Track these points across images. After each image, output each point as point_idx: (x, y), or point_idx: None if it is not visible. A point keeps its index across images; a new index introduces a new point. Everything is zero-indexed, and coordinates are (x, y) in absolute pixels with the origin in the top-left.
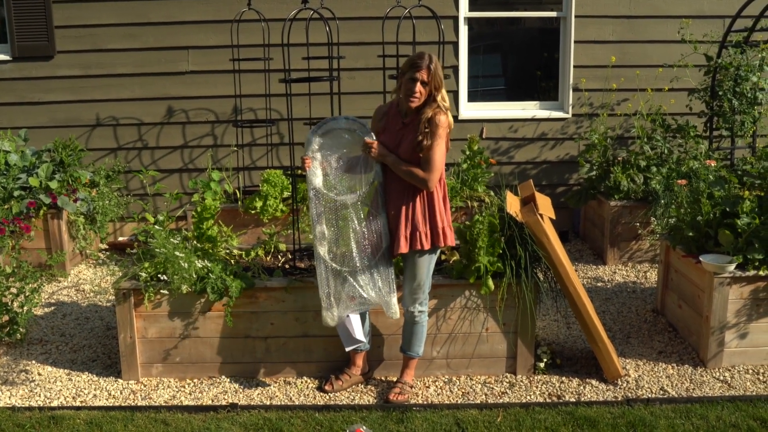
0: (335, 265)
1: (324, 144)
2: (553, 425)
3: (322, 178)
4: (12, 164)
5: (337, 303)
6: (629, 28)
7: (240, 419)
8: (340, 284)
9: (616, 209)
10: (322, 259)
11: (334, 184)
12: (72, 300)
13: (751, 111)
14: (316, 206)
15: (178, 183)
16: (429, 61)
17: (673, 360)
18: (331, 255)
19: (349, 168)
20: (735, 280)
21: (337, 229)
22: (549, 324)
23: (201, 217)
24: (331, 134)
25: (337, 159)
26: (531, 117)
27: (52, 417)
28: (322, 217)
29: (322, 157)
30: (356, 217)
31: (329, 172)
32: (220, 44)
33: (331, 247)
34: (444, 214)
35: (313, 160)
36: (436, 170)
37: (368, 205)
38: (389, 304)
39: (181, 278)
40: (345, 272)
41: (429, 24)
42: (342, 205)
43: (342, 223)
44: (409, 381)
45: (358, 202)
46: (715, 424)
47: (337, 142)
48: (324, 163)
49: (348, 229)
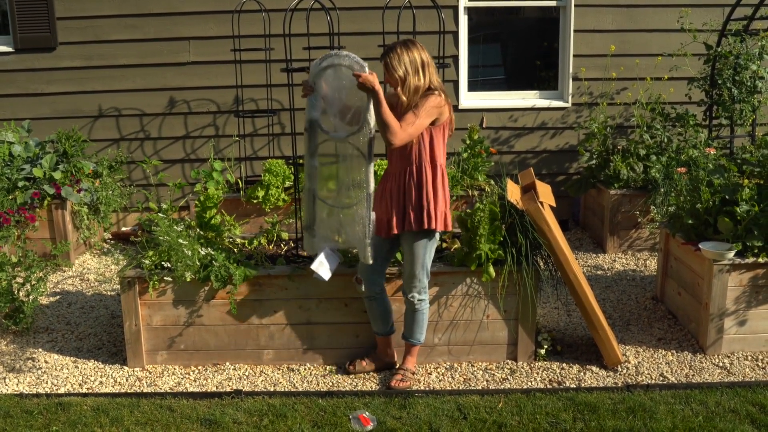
0: (323, 199)
1: (327, 76)
2: (554, 411)
3: (321, 112)
4: (16, 155)
5: (318, 228)
6: (629, 17)
7: (244, 405)
8: (326, 216)
9: (615, 198)
10: (311, 191)
11: (331, 121)
12: (77, 289)
13: (751, 99)
14: (312, 140)
15: (180, 173)
16: (384, 56)
17: (672, 347)
18: (320, 187)
19: (344, 110)
20: (734, 267)
21: (329, 166)
22: (549, 311)
23: (204, 206)
24: (334, 69)
25: (337, 94)
26: (531, 106)
27: (59, 403)
28: (316, 153)
29: (321, 91)
30: (348, 157)
31: (327, 109)
32: (221, 35)
33: (321, 183)
34: (435, 197)
35: (314, 91)
36: (405, 132)
37: (361, 152)
38: (365, 247)
39: (185, 266)
40: (330, 205)
41: (429, 14)
42: (337, 144)
43: (333, 160)
44: (410, 368)
45: (351, 143)
46: (714, 410)
47: (338, 78)
48: (323, 99)
49: (338, 167)
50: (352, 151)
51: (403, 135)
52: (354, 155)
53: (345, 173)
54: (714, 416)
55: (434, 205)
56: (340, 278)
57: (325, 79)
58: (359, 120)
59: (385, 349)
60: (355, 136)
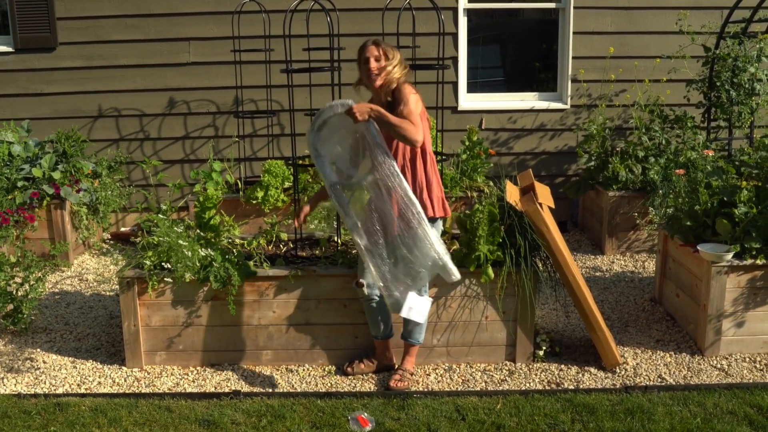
0: (379, 250)
1: (323, 137)
2: (552, 412)
3: (335, 171)
4: (15, 155)
5: (395, 286)
6: (628, 19)
7: (243, 406)
8: (393, 265)
9: (614, 199)
10: (367, 249)
11: (350, 173)
12: (75, 289)
13: (749, 102)
14: (341, 199)
15: (179, 174)
16: (372, 41)
17: (670, 348)
18: (372, 242)
19: (355, 156)
20: (732, 269)
21: (369, 212)
22: (548, 312)
23: (203, 207)
24: (326, 125)
25: (339, 147)
26: (530, 108)
27: (57, 404)
28: (350, 208)
29: (326, 151)
30: (382, 193)
31: (339, 164)
32: (221, 35)
33: (369, 234)
34: (430, 185)
35: (319, 158)
36: (418, 126)
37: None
38: (445, 267)
39: (185, 266)
40: (391, 251)
41: (429, 15)
42: (366, 189)
43: (370, 206)
44: (409, 368)
45: (377, 178)
46: (712, 411)
47: (333, 131)
48: (331, 155)
49: (378, 209)
50: (383, 183)
51: (419, 129)
52: (387, 186)
53: (387, 209)
54: (712, 418)
55: (429, 194)
56: (338, 279)
57: (323, 142)
58: (371, 154)
59: (383, 351)
60: (378, 170)
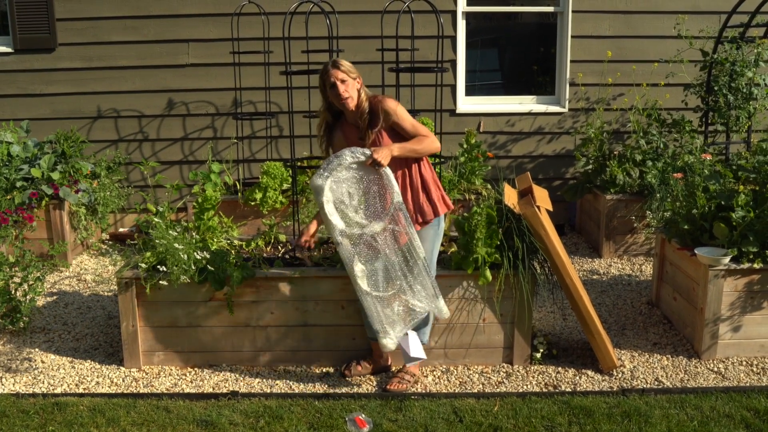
0: (380, 293)
1: (332, 186)
2: (549, 414)
3: (342, 218)
4: (14, 155)
5: (392, 327)
6: (626, 24)
7: (240, 407)
8: (390, 308)
9: (611, 203)
10: (367, 293)
11: (355, 219)
12: (74, 289)
13: (746, 106)
14: (346, 247)
15: (178, 175)
16: (330, 64)
17: (667, 351)
18: (372, 284)
19: (371, 201)
20: (729, 272)
21: (373, 257)
22: (545, 315)
23: (202, 208)
24: (336, 171)
25: (349, 200)
26: (528, 111)
27: (55, 404)
28: (355, 256)
29: (334, 197)
30: (388, 241)
31: (346, 210)
32: (220, 37)
33: (371, 278)
34: (427, 188)
35: (327, 203)
36: (428, 132)
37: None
38: (438, 307)
39: (181, 269)
40: (391, 294)
41: (428, 18)
42: (372, 235)
43: (375, 250)
44: (413, 371)
45: (385, 225)
46: (709, 414)
47: (343, 180)
48: (338, 202)
49: (383, 253)
50: (392, 230)
51: (432, 135)
52: (392, 229)
53: (395, 258)
54: (709, 421)
55: (427, 196)
56: (336, 280)
57: (337, 204)
58: (385, 196)
59: (380, 352)
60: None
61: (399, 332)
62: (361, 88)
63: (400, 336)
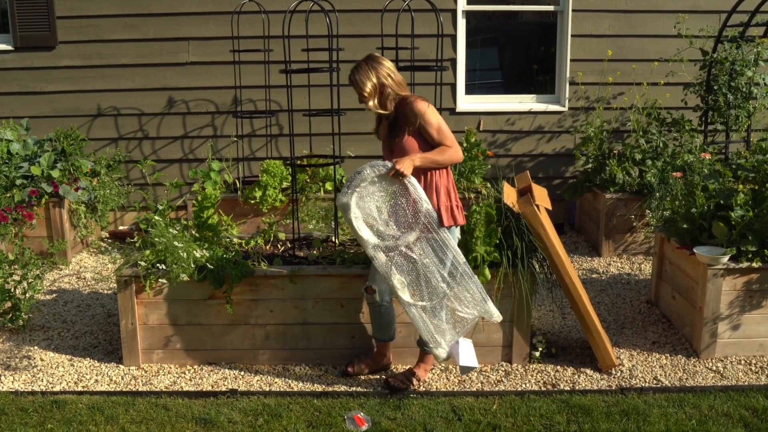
0: (424, 303)
1: (358, 202)
2: (548, 413)
3: (375, 234)
4: (14, 153)
5: (443, 336)
6: (626, 23)
7: (239, 405)
8: (438, 317)
9: (611, 202)
10: (411, 304)
11: (388, 232)
12: (73, 287)
13: (746, 105)
14: (381, 260)
15: (178, 173)
16: (351, 75)
17: (666, 350)
18: (416, 295)
19: (395, 209)
20: (728, 271)
21: (411, 267)
22: (544, 314)
23: (201, 206)
24: (360, 188)
25: (378, 214)
26: (528, 110)
27: (54, 401)
28: (392, 267)
29: (362, 213)
30: (424, 249)
31: (377, 225)
32: (220, 35)
33: (413, 288)
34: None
35: (356, 219)
36: (454, 142)
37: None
38: (488, 311)
39: (181, 268)
40: (436, 303)
41: (427, 17)
42: (406, 246)
43: (411, 260)
44: (420, 375)
45: (418, 234)
46: (707, 413)
47: (368, 194)
48: (367, 217)
49: (421, 263)
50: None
51: (456, 145)
52: (429, 238)
53: (433, 266)
54: (707, 420)
55: (437, 201)
56: (336, 279)
57: (366, 220)
58: (414, 206)
59: (384, 352)
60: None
61: (449, 341)
62: (383, 90)
63: (452, 344)
